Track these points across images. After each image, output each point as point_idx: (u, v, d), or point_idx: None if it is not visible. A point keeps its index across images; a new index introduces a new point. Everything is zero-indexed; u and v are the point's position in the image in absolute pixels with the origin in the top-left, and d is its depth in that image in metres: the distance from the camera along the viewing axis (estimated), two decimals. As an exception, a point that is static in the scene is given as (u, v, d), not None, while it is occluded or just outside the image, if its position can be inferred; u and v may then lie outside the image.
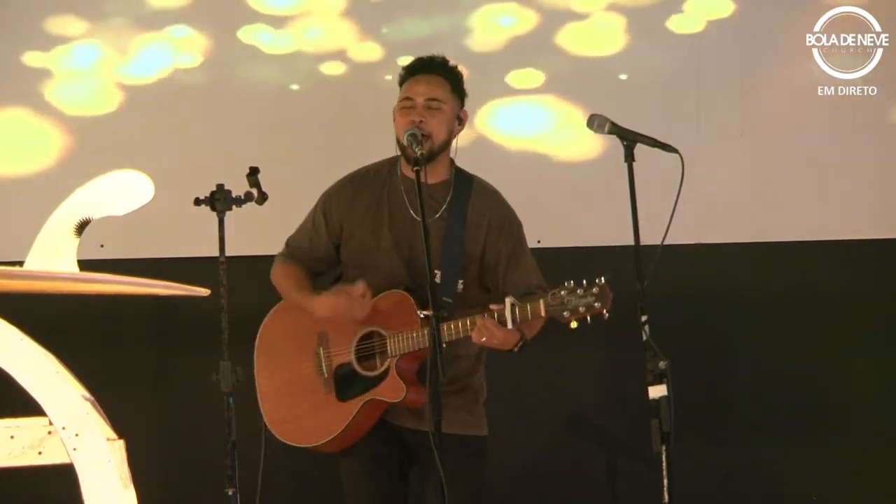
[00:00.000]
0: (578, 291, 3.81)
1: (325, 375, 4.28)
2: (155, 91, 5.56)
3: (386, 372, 4.16)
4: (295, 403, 4.33)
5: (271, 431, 4.36)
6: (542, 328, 4.19)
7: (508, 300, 3.95)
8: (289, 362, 4.36)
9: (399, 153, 4.29)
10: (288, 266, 4.44)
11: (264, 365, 4.42)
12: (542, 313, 3.88)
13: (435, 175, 4.24)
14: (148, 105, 5.56)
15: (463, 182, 4.31)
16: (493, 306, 4.01)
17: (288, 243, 4.49)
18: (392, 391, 4.15)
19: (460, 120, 4.31)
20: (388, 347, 4.17)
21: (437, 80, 4.27)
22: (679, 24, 5.66)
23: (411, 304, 4.14)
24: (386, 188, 4.33)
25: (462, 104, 4.33)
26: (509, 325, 3.95)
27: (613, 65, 5.65)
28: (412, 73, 4.31)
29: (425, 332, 4.05)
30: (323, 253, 4.40)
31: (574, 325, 3.87)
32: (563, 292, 3.84)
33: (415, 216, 4.21)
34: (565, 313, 3.83)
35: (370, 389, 4.19)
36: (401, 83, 4.34)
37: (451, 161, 4.34)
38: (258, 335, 4.45)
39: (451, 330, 4.04)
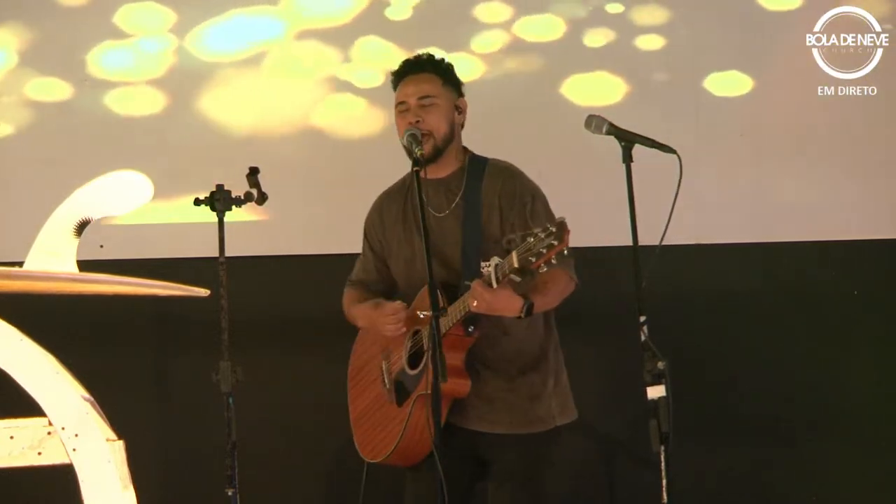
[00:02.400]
0: (541, 234, 3.79)
1: (388, 386, 4.31)
2: (155, 91, 5.57)
3: (426, 366, 4.14)
4: (371, 422, 4.35)
5: (364, 458, 4.36)
6: (558, 297, 4.16)
7: (492, 260, 3.95)
8: (367, 386, 4.41)
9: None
10: (349, 292, 4.50)
11: (352, 396, 4.48)
12: (516, 263, 3.85)
13: (447, 167, 4.27)
14: (148, 105, 5.56)
15: (476, 167, 4.32)
16: (483, 271, 4.02)
17: (349, 278, 4.53)
18: (427, 383, 4.11)
19: (460, 109, 4.32)
20: (424, 341, 4.17)
21: (426, 77, 4.28)
22: (678, 23, 5.66)
23: (434, 296, 4.10)
24: (408, 195, 4.35)
25: (459, 93, 4.33)
26: (494, 284, 3.92)
27: (613, 65, 5.66)
28: (401, 77, 4.32)
29: (444, 308, 4.03)
30: (377, 274, 4.44)
31: (543, 269, 3.83)
32: (530, 239, 3.82)
33: (435, 214, 4.24)
34: (532, 258, 3.80)
35: (418, 386, 4.17)
36: (394, 89, 4.35)
37: (464, 149, 4.35)
38: (349, 365, 4.50)
39: (457, 309, 4.03)
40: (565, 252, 3.76)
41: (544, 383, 4.30)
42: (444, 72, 4.33)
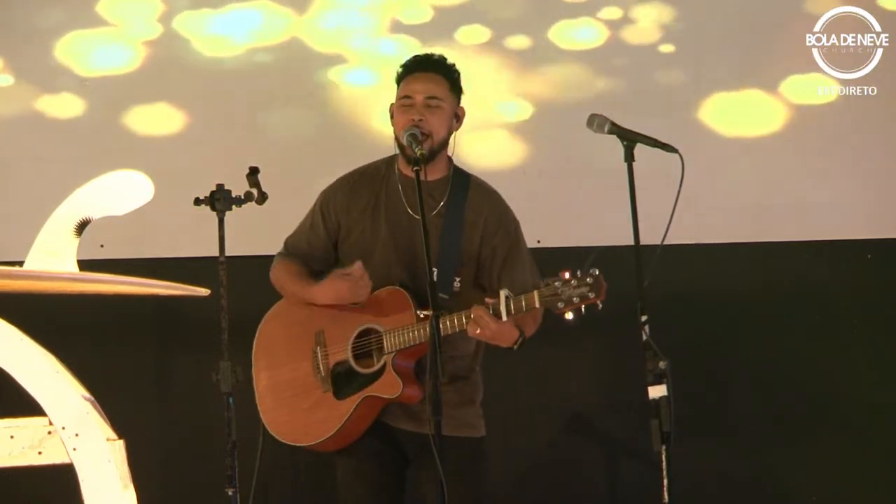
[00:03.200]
0: (573, 282, 3.79)
1: (323, 374, 4.27)
2: (155, 90, 5.56)
3: (382, 369, 4.15)
4: (293, 403, 4.31)
5: (270, 433, 4.34)
6: (541, 325, 4.18)
7: (503, 292, 3.94)
8: (286, 363, 4.35)
9: (397, 151, 4.28)
10: (286, 262, 4.43)
11: (262, 366, 4.40)
12: (537, 304, 3.86)
13: (434, 172, 4.23)
14: (148, 104, 5.56)
15: (460, 180, 4.31)
16: (488, 299, 4.00)
17: (286, 243, 4.47)
18: (388, 387, 4.13)
19: (458, 117, 4.29)
20: (385, 344, 4.15)
21: (437, 78, 4.25)
22: (679, 23, 5.66)
23: (407, 300, 4.13)
24: (384, 186, 4.32)
25: (459, 101, 4.31)
26: (504, 318, 3.93)
27: (613, 64, 5.65)
28: (410, 71, 4.28)
29: (419, 326, 4.05)
30: (321, 252, 4.39)
31: (569, 316, 3.85)
32: (557, 283, 3.82)
33: (412, 214, 4.20)
34: (560, 304, 3.80)
35: (367, 386, 4.17)
36: (398, 80, 4.30)
37: (449, 158, 4.33)
38: (256, 337, 4.43)
39: (447, 325, 4.02)
40: (599, 306, 3.78)
41: (475, 391, 4.33)
42: (452, 77, 4.29)
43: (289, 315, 4.39)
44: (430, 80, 4.24)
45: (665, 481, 3.67)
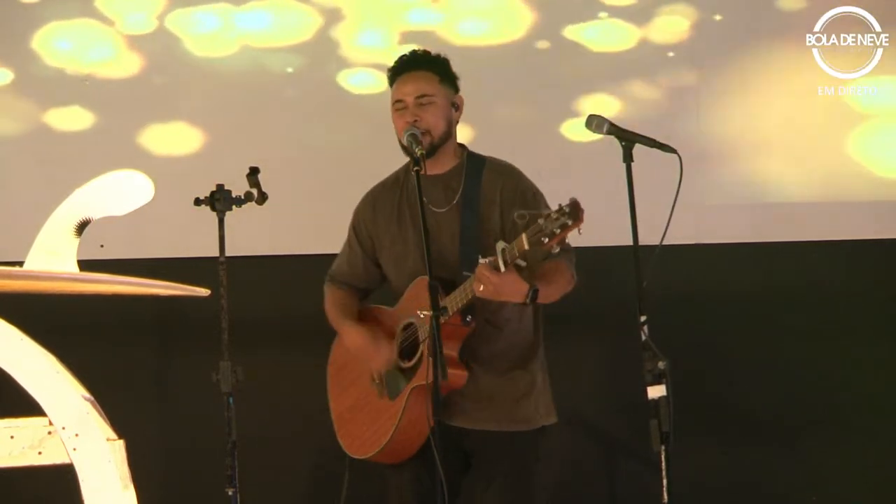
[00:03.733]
0: (552, 215, 3.77)
1: (377, 381, 4.28)
2: (155, 90, 5.57)
3: (422, 358, 4.13)
4: (359, 418, 4.32)
5: (349, 454, 4.33)
6: (560, 289, 4.13)
7: (499, 245, 3.92)
8: (351, 384, 4.38)
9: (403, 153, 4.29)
10: (334, 292, 4.45)
11: (333, 394, 4.45)
12: (526, 246, 3.83)
13: (444, 163, 4.25)
14: (148, 104, 5.56)
15: (475, 165, 4.30)
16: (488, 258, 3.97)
17: (330, 270, 4.49)
18: (424, 373, 4.06)
19: (456, 106, 4.29)
20: (420, 333, 4.15)
21: (423, 74, 4.25)
22: (679, 22, 5.66)
23: (433, 286, 4.06)
24: (404, 191, 4.34)
25: (455, 89, 4.30)
26: (501, 268, 3.90)
27: (613, 63, 5.66)
28: (398, 74, 4.28)
29: (445, 307, 4.00)
30: (362, 270, 4.40)
31: (556, 250, 3.82)
32: (539, 220, 3.80)
33: (435, 210, 4.22)
34: (544, 239, 3.78)
35: (412, 379, 4.15)
36: (390, 85, 4.31)
37: (462, 146, 4.33)
38: (328, 363, 4.48)
39: (459, 297, 4.01)
40: (579, 231, 3.74)
41: (533, 382, 4.28)
42: (440, 69, 4.29)
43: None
44: (418, 78, 4.24)
45: (665, 481, 3.68)
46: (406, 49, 4.39)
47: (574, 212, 3.71)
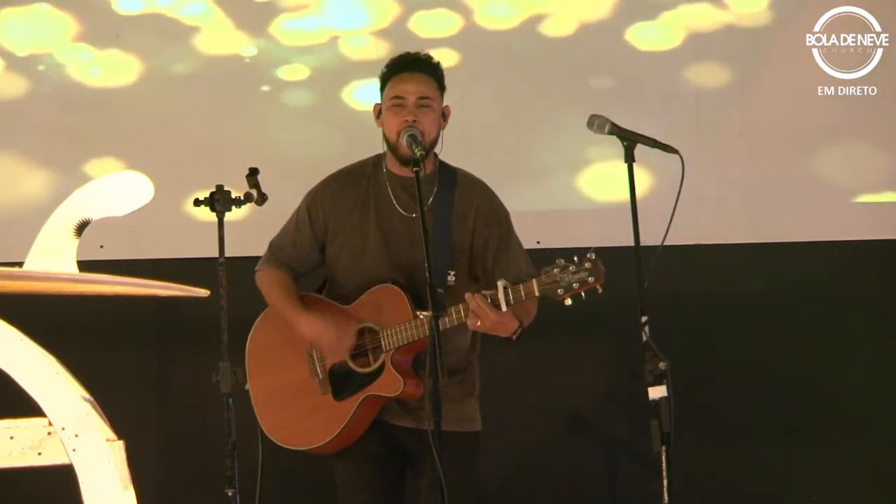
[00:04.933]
0: (570, 268, 3.79)
1: (320, 376, 4.25)
2: (155, 91, 5.56)
3: (381, 367, 4.14)
4: (290, 407, 4.29)
5: (270, 438, 4.32)
6: (538, 319, 4.16)
7: (500, 283, 3.93)
8: (282, 367, 4.32)
9: (385, 150, 4.26)
10: (273, 272, 4.34)
11: (257, 373, 4.35)
12: (536, 293, 3.85)
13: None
14: (148, 105, 5.56)
15: (447, 175, 4.29)
16: (485, 291, 3.98)
17: (271, 245, 4.39)
18: (389, 385, 4.12)
19: (444, 116, 4.27)
20: (383, 342, 4.14)
21: (425, 78, 4.23)
22: (679, 23, 5.66)
23: (402, 297, 4.11)
24: (371, 186, 4.29)
25: (443, 100, 4.29)
26: (503, 308, 3.92)
27: (613, 64, 5.65)
28: (398, 71, 4.24)
29: (417, 322, 4.04)
30: (307, 253, 4.34)
31: (568, 302, 3.85)
32: (555, 270, 3.82)
33: (403, 213, 4.20)
34: (559, 290, 3.80)
35: (367, 386, 4.16)
36: (384, 80, 4.26)
37: (435, 155, 4.29)
38: (248, 343, 4.38)
39: (446, 320, 4.01)
40: (599, 290, 3.78)
41: (473, 384, 4.31)
42: (439, 76, 4.27)
43: (281, 320, 4.32)
44: (421, 80, 4.22)
45: (665, 481, 3.67)
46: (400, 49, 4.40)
47: (595, 270, 3.75)
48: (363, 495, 4.28)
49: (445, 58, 4.83)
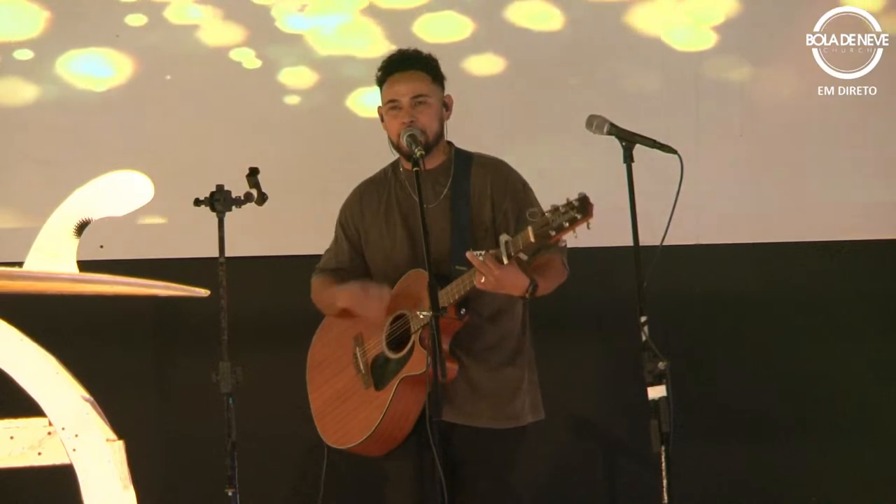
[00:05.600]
0: (561, 209, 3.78)
1: (363, 371, 4.28)
2: (155, 91, 5.57)
3: (412, 349, 4.14)
4: (342, 409, 4.32)
5: (327, 444, 4.33)
6: (556, 282, 4.15)
7: (502, 237, 3.93)
8: (333, 374, 4.38)
9: (392, 151, 4.30)
10: (319, 279, 4.47)
11: (313, 386, 4.43)
12: (532, 239, 3.83)
13: (433, 160, 4.27)
14: (148, 105, 5.56)
15: (462, 161, 4.32)
16: (491, 251, 3.97)
17: (317, 266, 4.51)
18: (416, 364, 4.10)
19: (447, 106, 4.31)
20: (411, 325, 4.15)
21: (417, 75, 4.26)
22: (679, 23, 5.66)
23: (424, 278, 4.07)
24: (392, 187, 4.37)
25: (444, 89, 4.31)
26: (504, 261, 3.90)
27: (613, 62, 5.66)
28: (390, 73, 4.28)
29: (444, 308, 4.00)
30: (348, 264, 4.42)
31: (563, 243, 3.83)
32: (547, 214, 3.81)
33: (424, 204, 4.22)
34: (552, 232, 3.78)
35: (401, 370, 4.16)
36: (379, 83, 4.31)
37: (449, 143, 4.35)
38: (308, 358, 4.46)
39: (458, 288, 4.02)
40: (588, 226, 3.75)
41: (521, 378, 4.29)
42: (432, 69, 4.30)
43: (331, 329, 4.43)
44: (412, 78, 4.25)
45: (665, 481, 3.68)
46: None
47: (583, 206, 3.72)
48: (403, 492, 4.25)
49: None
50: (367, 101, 5.54)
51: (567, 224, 3.74)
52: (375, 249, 4.35)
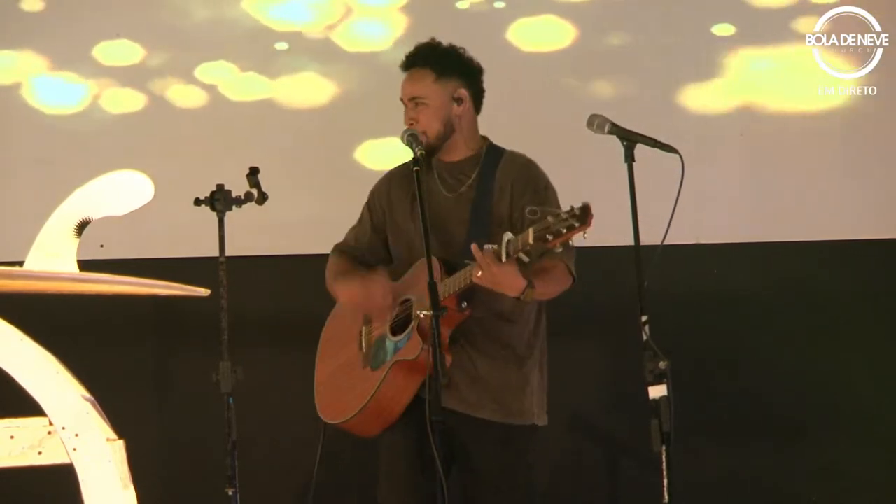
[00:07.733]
0: (562, 216, 3.78)
1: (364, 350, 4.28)
2: (155, 91, 5.57)
3: (410, 334, 4.13)
4: (339, 384, 4.32)
5: (323, 419, 4.31)
6: (557, 287, 4.14)
7: (505, 235, 3.93)
8: (337, 351, 4.38)
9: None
10: (335, 258, 4.47)
11: (319, 360, 4.44)
12: (530, 240, 3.83)
13: (457, 152, 4.28)
14: (148, 105, 5.56)
15: (493, 155, 4.32)
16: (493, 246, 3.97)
17: (338, 243, 4.51)
18: (410, 349, 4.08)
19: (459, 100, 4.27)
20: (414, 310, 4.14)
21: (419, 74, 4.26)
22: (679, 23, 5.66)
23: (436, 266, 4.03)
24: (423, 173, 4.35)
25: (458, 83, 4.27)
26: (503, 258, 3.90)
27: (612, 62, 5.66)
28: (403, 70, 4.32)
29: (444, 287, 3.99)
30: (367, 245, 4.41)
31: (559, 249, 3.83)
32: (549, 218, 3.81)
33: (446, 194, 4.25)
34: (549, 237, 3.78)
35: (398, 353, 4.15)
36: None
37: (484, 138, 4.35)
38: (322, 332, 4.47)
39: (452, 281, 4.01)
40: (584, 236, 3.74)
41: (529, 378, 4.27)
42: (437, 64, 4.27)
43: (346, 310, 4.43)
44: (412, 78, 4.27)
45: (665, 481, 3.67)
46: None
47: (583, 215, 3.71)
48: (402, 461, 4.21)
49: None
50: (368, 99, 5.54)
51: (564, 231, 3.74)
52: (398, 234, 4.35)
